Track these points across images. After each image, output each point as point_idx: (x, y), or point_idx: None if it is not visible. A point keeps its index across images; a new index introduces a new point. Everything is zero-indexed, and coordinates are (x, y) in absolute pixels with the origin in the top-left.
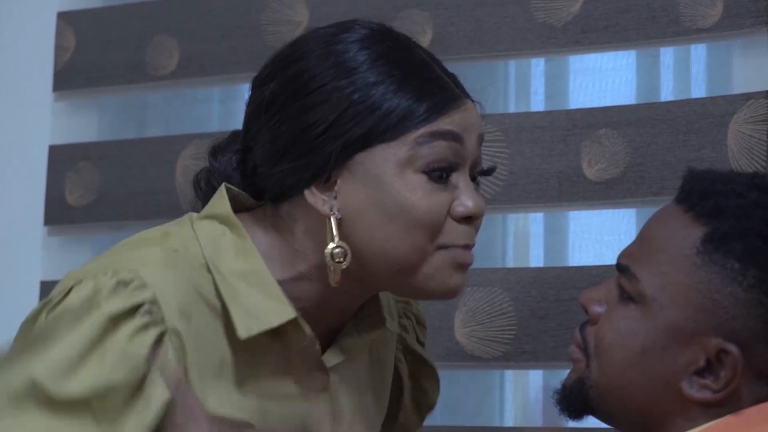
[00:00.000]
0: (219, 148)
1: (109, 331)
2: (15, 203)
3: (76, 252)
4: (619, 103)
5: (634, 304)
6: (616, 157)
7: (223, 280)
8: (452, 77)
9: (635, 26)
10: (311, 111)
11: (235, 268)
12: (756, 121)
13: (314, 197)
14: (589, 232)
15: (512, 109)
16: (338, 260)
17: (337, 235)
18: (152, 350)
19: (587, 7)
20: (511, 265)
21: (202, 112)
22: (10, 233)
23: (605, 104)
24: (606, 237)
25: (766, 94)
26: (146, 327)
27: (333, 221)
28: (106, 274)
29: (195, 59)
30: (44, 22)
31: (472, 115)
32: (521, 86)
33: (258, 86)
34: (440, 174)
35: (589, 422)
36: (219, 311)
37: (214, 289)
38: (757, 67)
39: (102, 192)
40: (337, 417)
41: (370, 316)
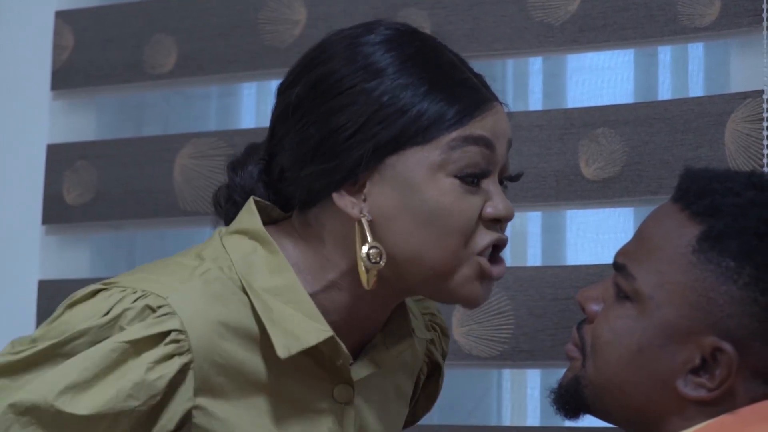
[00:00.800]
0: (238, 162)
1: (129, 356)
2: (13, 202)
3: (74, 251)
4: (616, 102)
5: (631, 302)
6: (613, 155)
7: (258, 299)
8: (480, 78)
9: (633, 25)
10: (339, 113)
11: (269, 285)
12: (753, 120)
13: (343, 200)
14: (587, 230)
15: (510, 108)
16: (374, 260)
17: (370, 236)
18: (173, 380)
19: (585, 6)
20: (508, 263)
21: (200, 110)
22: (7, 232)
23: (603, 103)
24: (603, 236)
25: (763, 92)
26: (170, 357)
27: (365, 223)
28: (135, 292)
29: (193, 58)
30: (42, 21)
31: (501, 119)
32: (519, 85)
33: (283, 92)
34: (472, 179)
35: (586, 421)
36: (254, 332)
37: (249, 309)
38: (755, 66)
39: (100, 191)
40: (362, 428)
41: (399, 328)
